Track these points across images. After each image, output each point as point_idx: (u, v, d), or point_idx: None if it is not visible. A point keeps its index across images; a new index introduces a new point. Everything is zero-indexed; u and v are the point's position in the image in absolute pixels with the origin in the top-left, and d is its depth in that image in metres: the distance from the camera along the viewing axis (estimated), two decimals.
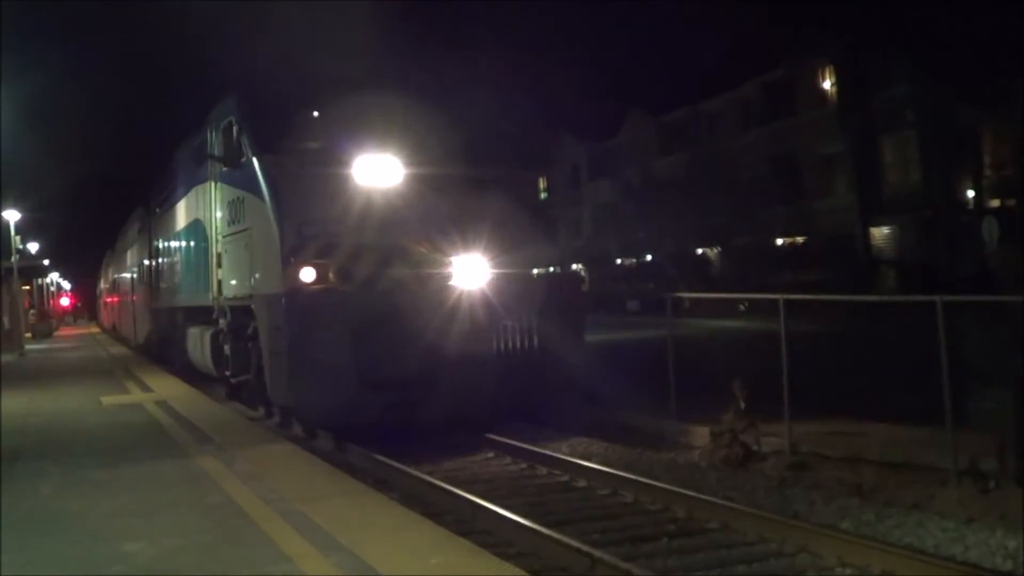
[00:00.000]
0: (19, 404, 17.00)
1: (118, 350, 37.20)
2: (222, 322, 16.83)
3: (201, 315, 18.94)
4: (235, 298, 15.72)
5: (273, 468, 9.81)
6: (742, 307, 35.49)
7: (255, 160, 14.45)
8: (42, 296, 72.37)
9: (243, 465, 10.09)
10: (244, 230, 14.96)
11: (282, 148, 14.38)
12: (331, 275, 13.45)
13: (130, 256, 36.24)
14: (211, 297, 17.09)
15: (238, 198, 15.20)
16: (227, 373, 16.71)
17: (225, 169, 15.84)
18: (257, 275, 14.44)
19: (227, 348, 16.51)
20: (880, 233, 41.71)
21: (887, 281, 38.14)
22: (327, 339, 13.14)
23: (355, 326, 13.25)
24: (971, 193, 39.48)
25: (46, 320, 61.85)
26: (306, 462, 10.37)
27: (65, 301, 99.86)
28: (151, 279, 27.82)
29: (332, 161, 14.07)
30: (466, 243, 14.27)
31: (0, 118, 28.91)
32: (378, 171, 14.08)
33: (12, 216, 41.51)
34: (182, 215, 20.94)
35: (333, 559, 6.45)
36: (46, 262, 65.20)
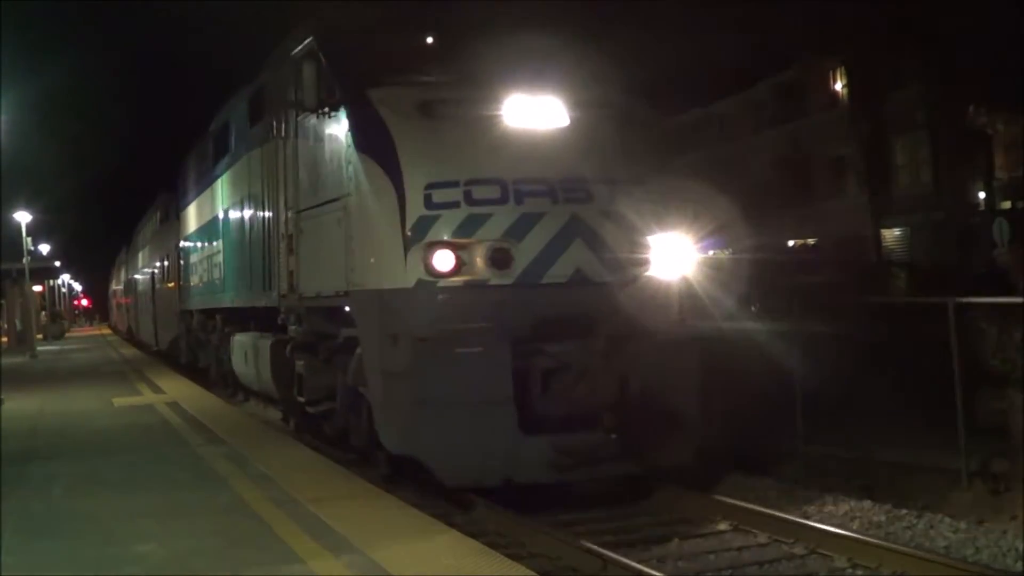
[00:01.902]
0: (31, 405, 17.07)
1: (130, 352, 37.31)
2: (293, 329, 12.28)
3: (253, 318, 15.02)
4: (318, 296, 11.22)
5: (285, 469, 9.83)
6: (752, 308, 35.40)
7: (353, 97, 10.16)
8: (54, 298, 72.65)
9: (255, 466, 10.11)
10: (335, 200, 10.42)
11: (393, 79, 10.16)
12: (479, 262, 9.27)
13: (150, 252, 33.34)
14: (275, 295, 12.74)
15: (325, 156, 10.81)
16: (300, 398, 11.97)
17: (301, 118, 11.41)
18: (359, 263, 9.92)
19: (300, 365, 11.83)
20: (891, 234, 41.62)
21: (898, 282, 38.06)
22: (474, 357, 8.97)
23: (516, 337, 9.16)
24: (982, 195, 39.38)
25: (58, 322, 62.17)
26: (318, 464, 10.38)
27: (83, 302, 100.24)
28: (179, 276, 23.85)
29: (467, 99, 9.90)
30: (662, 216, 9.94)
31: (2, 118, 28.97)
32: (535, 114, 9.79)
33: (23, 218, 41.68)
34: (226, 193, 16.65)
35: (345, 560, 6.47)
36: (57, 264, 65.42)
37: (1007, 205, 37.56)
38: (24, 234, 41.43)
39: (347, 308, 10.41)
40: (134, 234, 42.30)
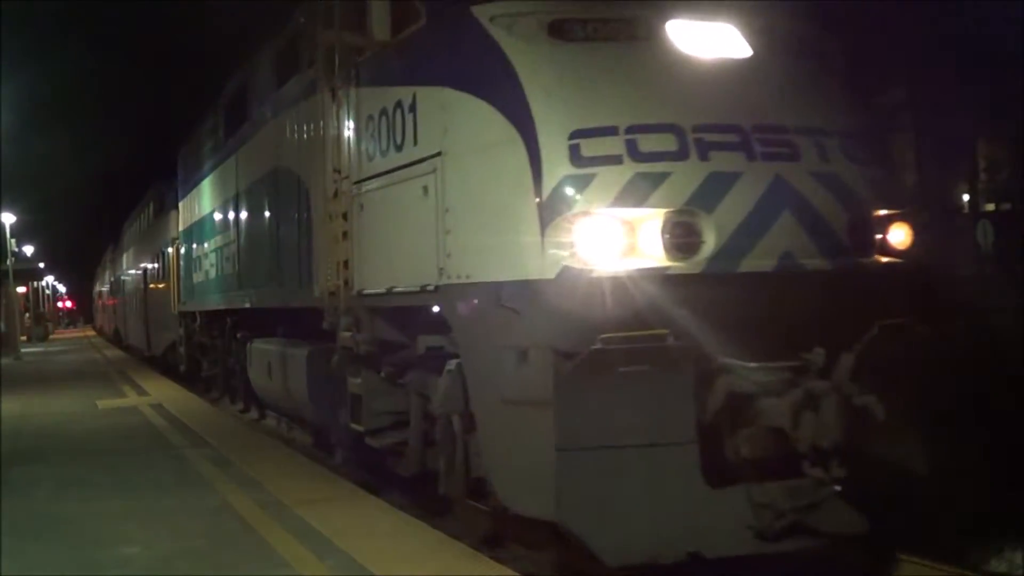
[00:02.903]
0: (15, 407, 16.97)
1: (113, 354, 37.19)
2: (346, 336, 9.33)
3: (279, 321, 12.62)
4: (389, 293, 8.36)
5: (270, 472, 9.81)
6: None
7: (450, 17, 7.55)
8: (37, 299, 72.41)
9: (240, 469, 10.08)
10: (419, 161, 7.71)
11: None
12: (653, 242, 6.42)
13: (142, 248, 30.80)
14: (316, 293, 10.09)
15: (401, 104, 8.07)
16: (355, 426, 9.42)
17: (363, 60, 8.86)
18: (460, 246, 7.20)
19: (357, 383, 9.27)
20: None
21: None
22: (645, 380, 6.15)
23: (702, 351, 6.32)
24: (966, 197, 39.59)
25: (42, 323, 62.01)
26: (302, 466, 10.36)
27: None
28: (177, 273, 21.27)
29: (612, 19, 7.10)
30: (886, 180, 7.36)
31: (0, 121, 28.94)
32: (707, 40, 7.08)
33: (7, 219, 41.54)
34: (244, 170, 13.94)
35: (329, 563, 6.45)
36: (41, 265, 65.24)
37: (991, 207, 37.78)
38: (8, 235, 41.30)
39: (435, 308, 7.70)
40: (122, 231, 41.20)
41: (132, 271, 34.97)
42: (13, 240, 42.72)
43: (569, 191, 6.43)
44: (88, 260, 73.07)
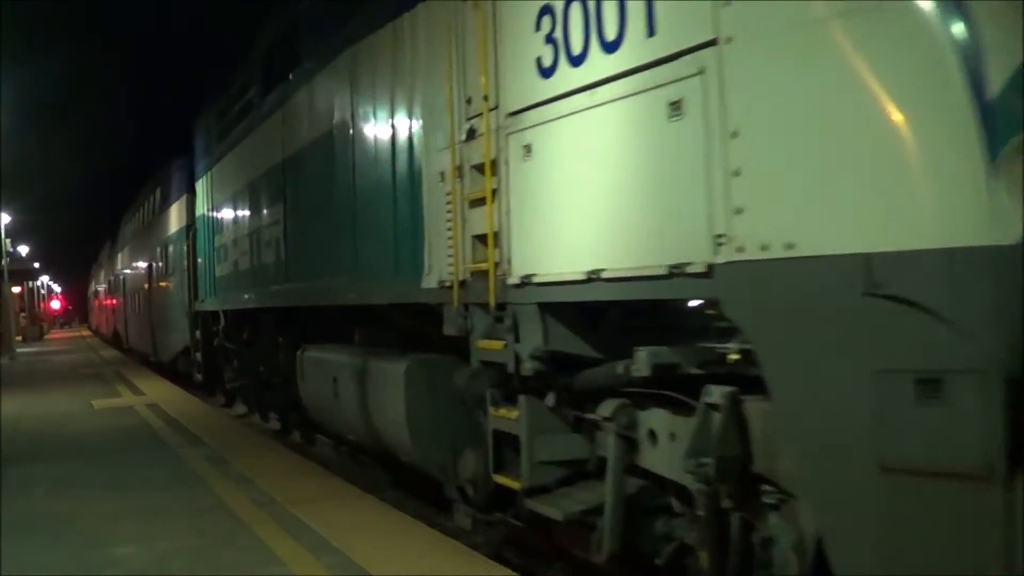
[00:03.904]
0: (10, 407, 16.95)
1: (109, 353, 37.15)
2: (497, 346, 6.48)
3: (344, 321, 10.25)
4: (591, 280, 5.28)
5: (265, 471, 9.81)
6: None
7: None
8: (32, 299, 72.40)
9: (235, 468, 10.08)
10: (663, 61, 4.71)
11: None
12: None
13: (146, 241, 27.93)
14: (428, 283, 7.46)
15: None
16: (505, 479, 6.65)
17: None
18: (763, 195, 4.15)
19: (510, 417, 6.42)
20: None
21: None
22: None
23: None
24: None
25: (37, 324, 62.02)
26: (298, 465, 10.36)
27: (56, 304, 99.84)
28: (193, 265, 18.68)
29: None
30: None
31: (0, 123, 28.97)
32: None
33: (3, 219, 41.51)
34: (294, 129, 11.21)
35: (325, 561, 6.45)
36: (36, 265, 65.20)
37: None
38: (2, 235, 41.26)
39: (693, 303, 5.40)
40: (121, 224, 40.24)
41: (134, 266, 32.74)
42: (8, 240, 42.63)
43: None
44: (84, 259, 73.04)
